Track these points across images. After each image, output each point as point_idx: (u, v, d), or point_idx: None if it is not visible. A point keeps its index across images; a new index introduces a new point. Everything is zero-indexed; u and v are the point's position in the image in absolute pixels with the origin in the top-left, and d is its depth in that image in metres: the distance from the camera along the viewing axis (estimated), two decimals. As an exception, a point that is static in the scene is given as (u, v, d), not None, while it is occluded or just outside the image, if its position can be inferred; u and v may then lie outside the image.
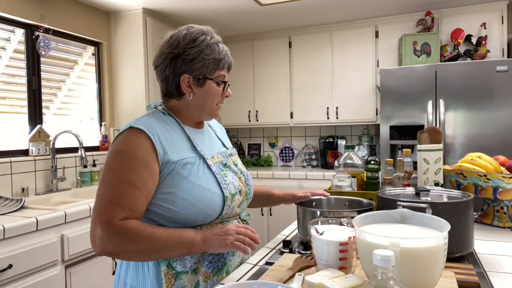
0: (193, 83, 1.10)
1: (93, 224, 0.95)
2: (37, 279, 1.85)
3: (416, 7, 3.40)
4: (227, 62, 1.15)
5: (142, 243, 0.93)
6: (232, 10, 3.37)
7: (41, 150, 2.64)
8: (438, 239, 0.75)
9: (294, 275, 0.94)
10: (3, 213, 1.97)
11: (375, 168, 1.72)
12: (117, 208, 0.95)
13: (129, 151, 1.00)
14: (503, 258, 1.11)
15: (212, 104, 1.14)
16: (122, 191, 0.96)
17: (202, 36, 1.11)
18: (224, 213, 1.08)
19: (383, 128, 3.19)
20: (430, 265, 0.74)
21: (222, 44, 1.15)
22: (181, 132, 1.12)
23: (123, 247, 0.93)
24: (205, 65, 1.09)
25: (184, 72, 1.09)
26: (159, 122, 1.09)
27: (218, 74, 1.12)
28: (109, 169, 0.99)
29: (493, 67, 2.87)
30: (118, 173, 0.98)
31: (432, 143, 1.56)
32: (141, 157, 0.99)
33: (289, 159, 4.29)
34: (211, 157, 1.14)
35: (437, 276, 0.76)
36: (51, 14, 2.77)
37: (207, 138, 1.21)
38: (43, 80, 2.79)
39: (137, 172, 0.98)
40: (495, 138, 2.88)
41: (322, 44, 3.87)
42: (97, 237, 0.94)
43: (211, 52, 1.10)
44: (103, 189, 0.98)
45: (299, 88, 3.98)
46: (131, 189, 0.97)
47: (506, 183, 1.37)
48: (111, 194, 0.96)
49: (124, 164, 0.98)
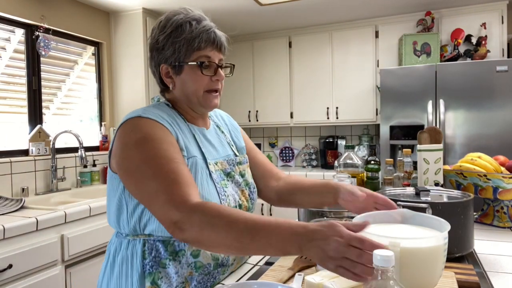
0: (172, 71, 1.01)
1: (165, 212, 0.81)
2: (37, 279, 1.85)
3: (416, 7, 3.40)
4: (207, 39, 0.98)
5: (225, 227, 0.75)
6: (232, 10, 3.37)
7: (41, 150, 2.64)
8: (438, 239, 0.75)
9: (294, 275, 0.94)
10: (3, 213, 1.97)
11: (375, 168, 1.72)
12: (182, 186, 0.82)
13: (151, 135, 0.89)
14: (503, 258, 1.11)
15: (197, 92, 1.00)
16: (174, 169, 0.84)
17: (173, 17, 0.99)
18: None
19: (383, 128, 3.19)
20: (430, 265, 0.74)
21: (200, 20, 1.00)
22: (186, 128, 1.02)
23: (202, 232, 0.76)
24: (176, 49, 0.97)
25: (161, 62, 1.01)
26: (167, 115, 0.98)
27: (197, 56, 0.98)
28: (143, 161, 0.86)
29: (493, 67, 2.87)
30: (156, 157, 0.86)
31: (432, 143, 1.56)
32: (166, 139, 0.90)
33: (289, 159, 4.29)
34: (214, 163, 1.02)
35: (437, 276, 0.76)
36: (51, 14, 2.77)
37: (213, 140, 1.09)
38: (43, 80, 2.79)
39: (171, 150, 0.88)
40: (495, 138, 2.88)
41: (322, 44, 3.87)
42: (178, 222, 0.79)
43: (181, 32, 0.97)
44: (153, 181, 0.83)
45: (299, 88, 3.98)
46: (180, 165, 0.86)
47: (506, 183, 1.37)
48: (166, 177, 0.83)
49: (155, 147, 0.87)
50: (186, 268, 0.95)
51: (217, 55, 1.02)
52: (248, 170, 1.15)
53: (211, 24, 1.02)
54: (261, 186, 1.22)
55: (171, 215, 0.80)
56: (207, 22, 1.01)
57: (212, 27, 1.00)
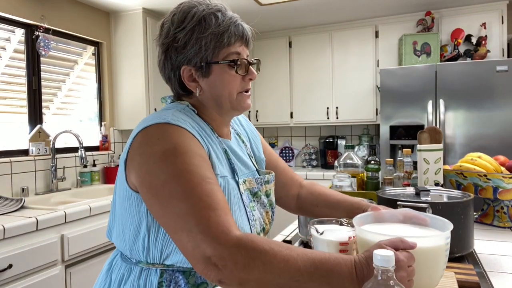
0: (197, 74, 0.85)
1: (196, 244, 0.67)
2: (37, 279, 1.85)
3: (416, 7, 3.40)
4: (236, 32, 0.85)
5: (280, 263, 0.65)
6: (232, 10, 3.37)
7: (41, 150, 2.64)
8: (440, 238, 0.74)
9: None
10: (3, 213, 1.97)
11: (375, 168, 1.72)
12: (219, 212, 0.69)
13: (181, 147, 0.74)
14: (503, 258, 1.11)
15: (230, 94, 0.86)
16: (208, 191, 0.71)
17: (192, 10, 0.84)
18: None
19: (383, 128, 3.19)
20: (431, 265, 0.73)
21: (224, 11, 0.86)
22: (217, 143, 0.87)
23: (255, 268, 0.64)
24: (202, 47, 0.82)
25: (181, 64, 0.85)
26: (195, 123, 0.84)
27: (227, 53, 0.84)
28: (172, 177, 0.72)
29: (493, 67, 2.87)
30: (188, 174, 0.72)
31: (432, 143, 1.56)
32: (198, 152, 0.76)
33: (289, 159, 4.29)
34: (243, 181, 0.88)
35: (438, 276, 0.76)
36: (51, 14, 2.77)
37: (240, 155, 0.94)
38: (43, 80, 2.79)
39: (204, 166, 0.75)
40: (495, 138, 2.88)
41: (322, 44, 3.87)
42: (213, 257, 0.65)
43: (206, 26, 0.82)
44: (182, 202, 0.70)
45: (299, 88, 3.98)
46: (214, 186, 0.73)
47: (506, 183, 1.37)
48: (200, 200, 0.70)
49: (186, 162, 0.73)
50: None
51: (246, 50, 0.89)
52: (273, 188, 1.01)
53: (236, 15, 0.88)
54: (282, 194, 1.12)
55: (204, 248, 0.66)
56: (232, 13, 0.87)
57: (238, 19, 0.87)
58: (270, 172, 1.01)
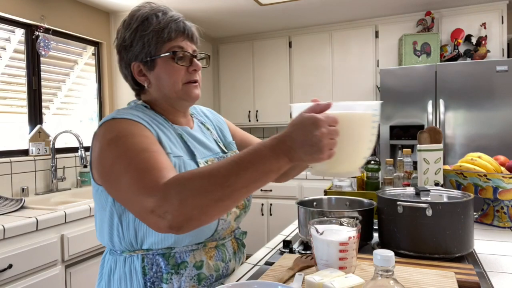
0: (145, 69, 0.94)
1: (140, 203, 0.72)
2: (37, 279, 1.85)
3: (416, 7, 3.40)
4: (176, 28, 0.92)
5: (205, 179, 0.69)
6: (232, 10, 3.37)
7: (41, 150, 2.64)
8: (366, 107, 0.75)
9: (294, 275, 0.94)
10: (3, 213, 1.97)
11: (375, 168, 1.72)
12: (153, 172, 0.74)
13: (123, 132, 0.82)
14: (503, 258, 1.11)
15: (174, 84, 0.93)
16: (145, 158, 0.77)
17: (137, 12, 0.94)
18: (219, 228, 0.94)
19: (383, 128, 3.19)
20: (357, 132, 0.75)
21: (166, 11, 0.94)
22: (172, 130, 0.96)
23: (186, 198, 0.68)
24: (145, 43, 0.91)
25: (131, 61, 0.94)
26: (145, 115, 0.92)
27: (169, 47, 0.92)
28: (115, 160, 0.79)
29: (493, 67, 2.87)
30: (127, 152, 0.78)
31: (432, 143, 1.56)
32: (140, 133, 0.83)
33: (289, 159, 4.28)
34: (205, 161, 0.96)
35: (363, 148, 0.77)
36: (51, 14, 2.77)
37: (200, 139, 1.03)
38: (43, 80, 2.79)
39: (146, 142, 0.81)
40: (495, 138, 2.88)
41: (322, 44, 3.87)
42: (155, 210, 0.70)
43: (148, 25, 0.91)
44: (124, 177, 0.76)
45: (299, 88, 3.98)
46: (152, 154, 0.78)
47: (506, 183, 1.37)
48: (136, 168, 0.75)
49: (126, 142, 0.80)
50: (188, 281, 0.91)
51: (190, 45, 0.96)
52: None
53: (179, 14, 0.96)
54: None
55: (145, 204, 0.71)
56: (174, 13, 0.95)
57: (180, 17, 0.95)
58: (234, 152, 1.08)
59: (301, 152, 0.69)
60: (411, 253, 1.07)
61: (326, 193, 1.53)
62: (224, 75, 4.31)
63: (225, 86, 4.31)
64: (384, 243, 1.16)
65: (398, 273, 0.91)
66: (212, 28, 3.91)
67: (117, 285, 0.91)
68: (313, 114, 0.68)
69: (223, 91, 4.32)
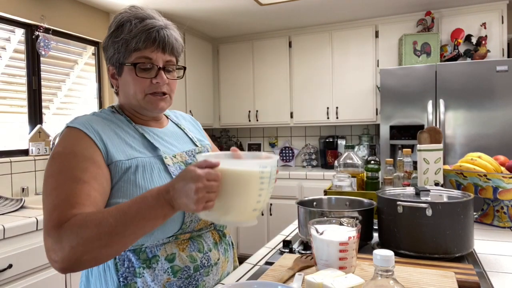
0: (115, 73, 0.99)
1: (44, 235, 0.79)
2: (37, 279, 1.85)
3: (416, 7, 3.40)
4: (146, 39, 0.92)
5: (94, 229, 0.74)
6: (232, 10, 3.37)
7: (41, 150, 2.64)
8: (254, 165, 0.78)
9: (294, 275, 0.94)
10: (3, 213, 1.97)
11: (375, 168, 1.72)
12: (64, 208, 0.78)
13: (66, 150, 0.86)
14: (503, 258, 1.11)
15: (136, 94, 0.95)
16: (68, 190, 0.80)
17: (118, 17, 0.96)
18: (187, 220, 0.92)
19: (383, 128, 3.19)
20: (243, 188, 0.77)
21: (144, 19, 0.94)
22: (132, 130, 0.98)
23: (76, 245, 0.74)
24: (115, 50, 0.94)
25: (107, 63, 1.00)
26: (101, 120, 0.95)
27: (136, 57, 0.93)
28: (47, 176, 0.84)
29: (493, 67, 2.87)
30: (58, 174, 0.83)
31: (432, 143, 1.56)
32: (82, 152, 0.85)
33: (289, 159, 4.29)
34: (172, 156, 0.98)
35: (252, 202, 0.79)
36: (51, 14, 2.77)
37: (170, 137, 1.05)
38: (43, 80, 2.79)
39: (81, 167, 0.83)
40: (495, 138, 2.88)
41: (322, 44, 3.87)
42: (50, 251, 0.76)
43: (120, 32, 0.93)
44: (46, 198, 0.82)
45: (299, 88, 3.98)
46: (79, 185, 0.81)
47: (506, 183, 1.37)
48: (56, 197, 0.80)
49: (63, 163, 0.84)
50: (162, 274, 0.91)
51: (161, 56, 0.95)
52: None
53: (158, 24, 0.94)
54: None
55: (46, 241, 0.77)
56: (151, 21, 0.94)
57: (156, 27, 0.93)
58: (204, 146, 1.11)
59: (180, 202, 0.74)
60: (411, 253, 1.07)
61: (326, 193, 1.53)
62: (224, 75, 4.31)
63: (225, 86, 4.31)
64: (384, 243, 1.16)
65: (398, 273, 0.91)
66: (212, 28, 3.91)
67: (94, 284, 0.94)
68: (195, 168, 0.73)
69: (223, 91, 4.32)
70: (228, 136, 4.60)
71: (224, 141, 4.57)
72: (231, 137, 4.62)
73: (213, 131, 4.67)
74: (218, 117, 4.35)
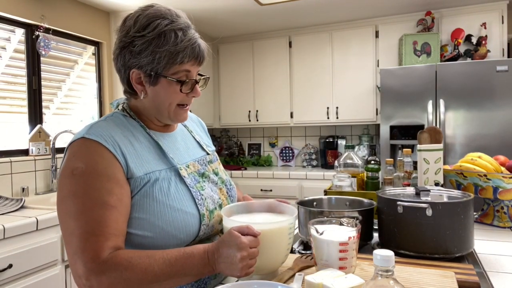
0: (145, 80, 0.91)
1: (74, 261, 0.78)
2: (37, 279, 1.85)
3: (416, 7, 3.40)
4: (191, 54, 0.90)
5: (139, 274, 0.77)
6: (232, 10, 3.37)
7: (41, 150, 2.64)
8: (283, 223, 0.89)
9: (294, 275, 0.94)
10: (3, 213, 1.97)
11: (375, 168, 1.72)
12: (99, 238, 0.78)
13: (88, 168, 0.82)
14: (503, 258, 1.11)
15: (170, 106, 0.93)
16: (97, 217, 0.79)
17: (156, 21, 0.88)
18: (201, 233, 0.93)
19: (383, 128, 3.19)
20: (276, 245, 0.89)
21: (186, 30, 0.91)
22: (146, 138, 0.95)
23: (117, 284, 0.76)
24: (155, 59, 0.87)
25: (133, 66, 0.90)
26: (118, 128, 0.91)
27: (176, 70, 0.90)
28: (70, 195, 0.81)
29: (493, 67, 2.87)
30: (84, 196, 0.80)
31: (432, 143, 1.56)
32: (105, 172, 0.82)
33: (289, 159, 4.29)
34: (186, 166, 0.97)
35: (283, 253, 0.92)
36: (51, 14, 2.77)
37: (181, 143, 1.03)
38: (43, 80, 2.79)
39: (107, 189, 0.81)
40: (495, 138, 2.88)
41: (322, 44, 3.87)
42: (82, 278, 0.76)
43: (164, 42, 0.87)
44: (72, 221, 0.79)
45: (299, 88, 3.98)
46: (107, 211, 0.80)
47: (506, 183, 1.37)
48: (86, 223, 0.78)
49: (87, 183, 0.81)
50: None
51: (196, 68, 0.95)
52: (220, 167, 1.11)
53: (196, 35, 0.93)
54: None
55: (78, 266, 0.77)
56: (192, 33, 0.92)
57: (196, 39, 0.92)
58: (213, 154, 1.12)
59: (222, 266, 0.80)
60: (411, 253, 1.07)
61: (326, 193, 1.53)
62: (224, 75, 4.31)
63: (225, 86, 4.31)
64: (384, 243, 1.16)
65: (398, 273, 0.91)
66: (212, 28, 3.91)
67: None
68: (239, 236, 0.79)
69: (223, 91, 4.32)
70: (228, 136, 4.60)
71: (224, 141, 4.57)
72: (231, 137, 4.62)
73: (213, 131, 4.67)
74: (218, 117, 4.35)
